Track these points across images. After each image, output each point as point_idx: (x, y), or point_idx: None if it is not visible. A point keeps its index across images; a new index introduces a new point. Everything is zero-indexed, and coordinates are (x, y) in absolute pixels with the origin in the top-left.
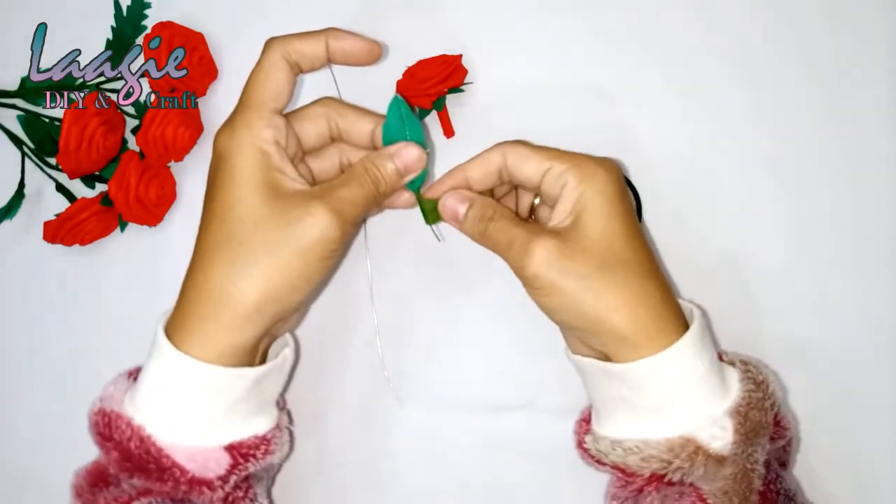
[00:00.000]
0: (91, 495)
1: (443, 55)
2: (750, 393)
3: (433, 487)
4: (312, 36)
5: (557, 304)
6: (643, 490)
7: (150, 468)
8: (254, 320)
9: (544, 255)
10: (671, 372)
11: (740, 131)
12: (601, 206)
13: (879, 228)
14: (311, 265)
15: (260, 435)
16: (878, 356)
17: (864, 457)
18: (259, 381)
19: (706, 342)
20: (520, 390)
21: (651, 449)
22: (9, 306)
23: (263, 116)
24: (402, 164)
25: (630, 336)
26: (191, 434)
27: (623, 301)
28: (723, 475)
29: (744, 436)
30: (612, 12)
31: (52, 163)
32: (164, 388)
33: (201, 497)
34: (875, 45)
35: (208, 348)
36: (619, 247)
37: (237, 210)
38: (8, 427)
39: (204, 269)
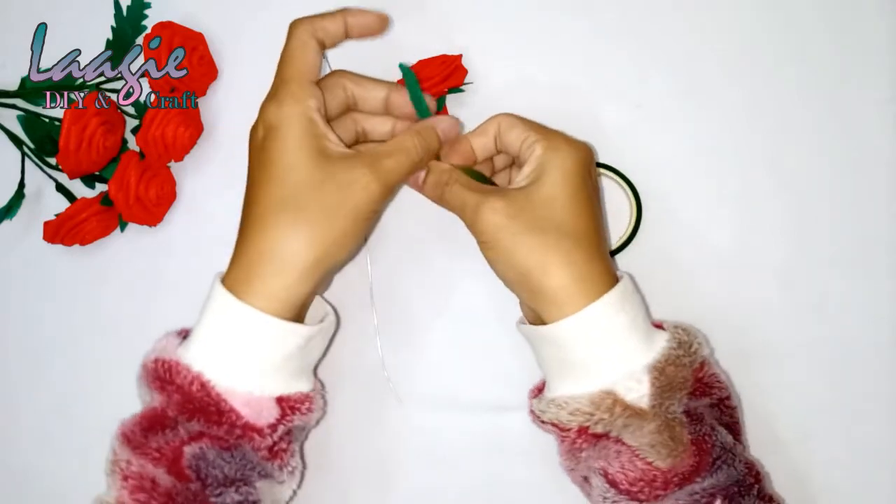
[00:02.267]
0: (143, 439)
1: (443, 55)
2: (670, 351)
3: (433, 487)
4: (332, 15)
5: (497, 258)
6: (575, 443)
7: (209, 411)
8: (309, 276)
9: (490, 211)
10: (591, 329)
11: (740, 131)
12: (554, 174)
13: (879, 228)
14: (358, 225)
15: (304, 392)
16: (878, 356)
17: (864, 457)
18: (308, 341)
19: (629, 303)
20: (520, 390)
21: (576, 403)
22: (9, 306)
23: (305, 87)
24: (443, 135)
25: (553, 293)
26: (247, 382)
27: (549, 260)
28: (648, 430)
29: (659, 389)
30: (613, 12)
31: (52, 163)
32: (222, 336)
33: (251, 443)
34: (875, 45)
35: (267, 301)
36: (559, 212)
37: (292, 174)
38: (8, 427)
39: (261, 228)
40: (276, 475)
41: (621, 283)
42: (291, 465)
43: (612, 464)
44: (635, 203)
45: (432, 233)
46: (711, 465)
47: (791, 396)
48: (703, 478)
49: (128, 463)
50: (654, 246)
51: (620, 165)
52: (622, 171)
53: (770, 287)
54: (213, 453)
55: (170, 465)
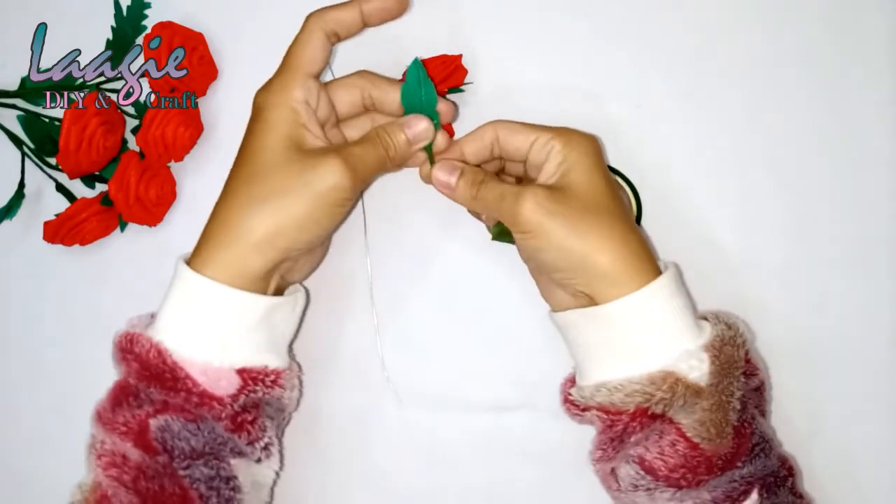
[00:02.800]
0: (111, 414)
1: (443, 55)
2: (722, 331)
3: (433, 487)
4: (347, 4)
5: (546, 245)
6: (628, 428)
7: (165, 377)
8: (262, 251)
9: (534, 199)
10: (650, 309)
11: (740, 131)
12: (585, 165)
13: (879, 228)
14: (321, 209)
15: (270, 367)
16: (878, 356)
17: (864, 457)
18: (269, 313)
19: (681, 286)
20: (520, 390)
21: (634, 384)
22: (9, 306)
23: (297, 78)
24: (411, 134)
25: (612, 273)
26: (204, 351)
27: (606, 241)
28: (700, 407)
29: (719, 367)
30: (613, 12)
31: (52, 163)
32: (180, 308)
33: (211, 412)
34: (875, 45)
35: (223, 271)
36: (601, 197)
37: (262, 155)
38: (8, 427)
39: (225, 203)
40: (249, 452)
41: (672, 267)
42: (263, 441)
43: (650, 449)
44: (635, 203)
45: (433, 233)
46: (750, 451)
47: (791, 396)
48: (742, 464)
49: (102, 443)
50: (654, 245)
51: (620, 165)
52: (622, 171)
53: (770, 287)
54: (178, 425)
55: (137, 439)
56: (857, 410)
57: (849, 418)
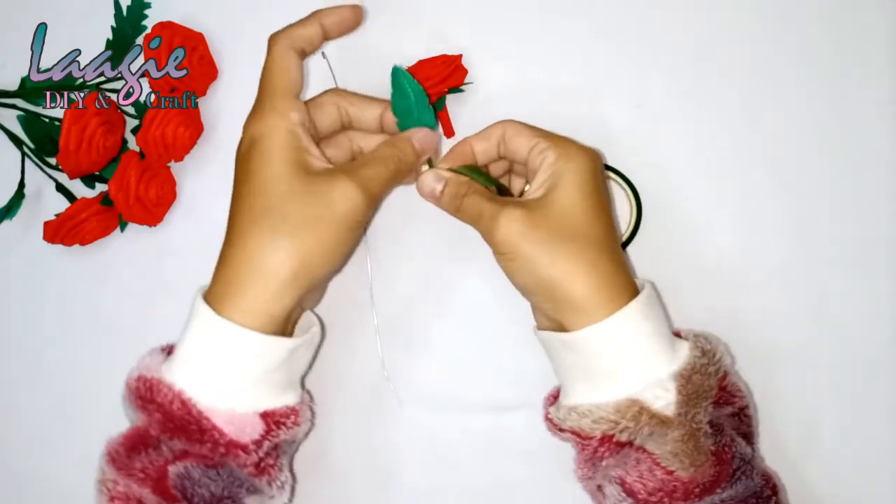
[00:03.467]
0: (127, 460)
1: (443, 55)
2: (695, 359)
3: (433, 487)
4: (306, 21)
5: (518, 268)
6: (597, 452)
7: (191, 429)
8: (290, 289)
9: (508, 222)
10: (618, 337)
11: (740, 131)
12: (571, 182)
13: (879, 228)
14: (341, 235)
15: (290, 406)
16: (878, 356)
17: (865, 457)
18: (292, 353)
19: (654, 311)
20: (520, 390)
21: (601, 411)
22: (9, 306)
23: (287, 101)
24: (419, 146)
25: (581, 300)
26: (229, 399)
27: (575, 268)
28: (671, 438)
29: (686, 397)
30: (613, 12)
31: (52, 163)
32: (203, 353)
33: (236, 460)
34: (875, 45)
35: (248, 315)
36: (580, 220)
37: (272, 186)
38: (8, 427)
39: (242, 241)
40: (266, 490)
41: (646, 290)
42: (280, 480)
43: (629, 472)
44: (635, 203)
45: (433, 233)
46: (731, 476)
47: (791, 396)
48: (723, 489)
49: (114, 483)
50: (654, 246)
51: (620, 165)
52: (622, 171)
53: (770, 287)
54: (199, 472)
55: (155, 486)
56: (856, 410)
57: (848, 418)
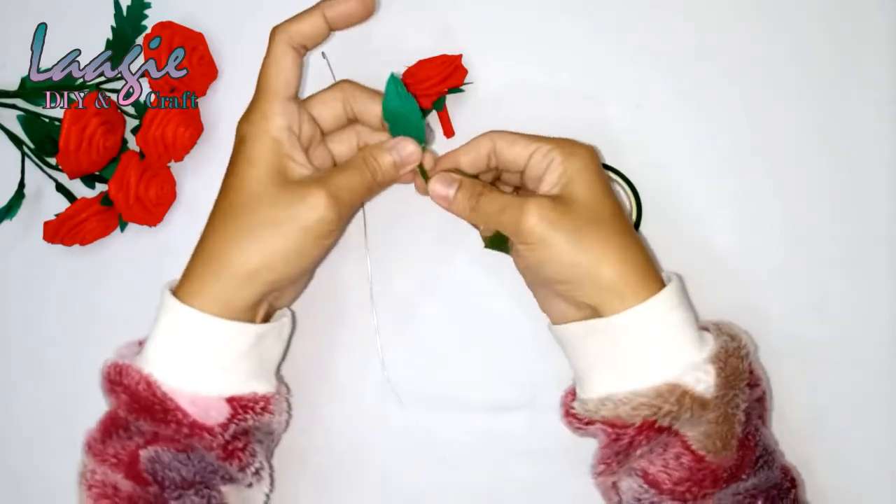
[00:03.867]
0: (101, 445)
1: (443, 55)
2: (726, 342)
3: (433, 487)
4: (309, 13)
5: (550, 257)
6: (634, 441)
7: (155, 409)
8: (250, 284)
9: (538, 210)
10: (655, 321)
11: (740, 131)
12: (586, 176)
13: (879, 228)
14: (307, 242)
15: (260, 393)
16: (878, 356)
17: (865, 457)
18: (258, 341)
19: (684, 299)
20: (520, 390)
21: (640, 397)
22: (9, 306)
23: (276, 105)
24: (398, 158)
25: (616, 285)
26: (193, 381)
27: (610, 253)
28: (706, 419)
29: (724, 379)
30: (613, 12)
31: (52, 163)
32: (168, 339)
33: (202, 442)
34: (875, 45)
35: (209, 303)
36: (604, 209)
37: (247, 186)
38: (8, 427)
39: (212, 235)
40: (240, 478)
41: (675, 280)
42: (254, 466)
43: (654, 462)
44: (635, 203)
45: (433, 233)
46: (754, 464)
47: (791, 396)
48: (747, 476)
49: (92, 472)
50: (654, 246)
51: (620, 165)
52: (622, 170)
53: (770, 287)
54: (169, 455)
55: (127, 470)
56: (857, 410)
57: (849, 418)
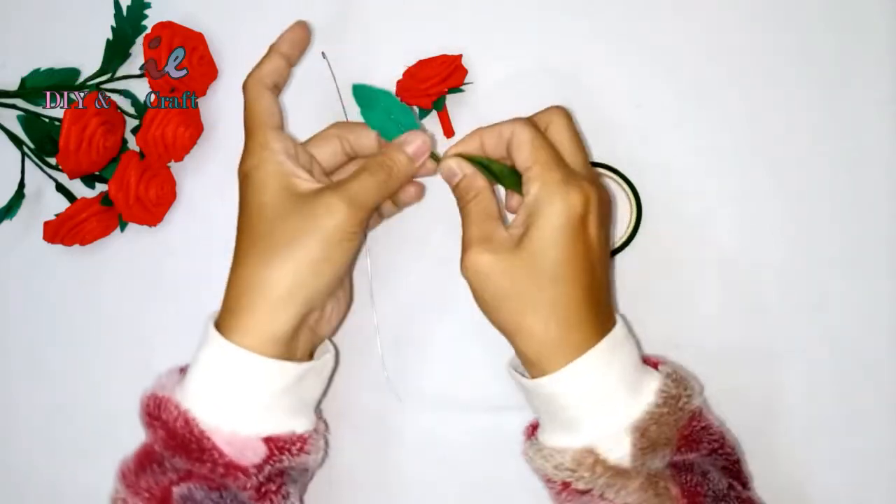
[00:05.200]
0: (135, 477)
1: (443, 55)
2: (655, 409)
3: (433, 487)
4: (267, 57)
5: (480, 307)
6: (560, 494)
7: (191, 448)
8: (286, 306)
9: (473, 262)
10: (575, 387)
11: (740, 131)
12: (549, 224)
13: (879, 228)
14: (331, 249)
15: (297, 433)
16: (878, 356)
17: (864, 457)
18: (299, 379)
19: (619, 354)
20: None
21: (560, 457)
22: (9, 306)
23: (268, 133)
24: (412, 151)
25: (534, 353)
26: (231, 420)
27: (535, 319)
28: (632, 488)
29: (640, 450)
30: (613, 12)
31: (52, 163)
32: (209, 375)
33: (236, 483)
34: (875, 45)
35: (250, 336)
36: (551, 265)
37: (262, 213)
38: (8, 427)
39: (240, 266)
40: None
41: (610, 334)
42: None
43: None
44: (635, 203)
45: (432, 232)
46: None
47: (791, 396)
48: None
49: (123, 501)
50: (654, 246)
51: (620, 165)
52: (622, 171)
53: (770, 287)
54: (202, 494)
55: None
56: (857, 410)
57: (849, 418)
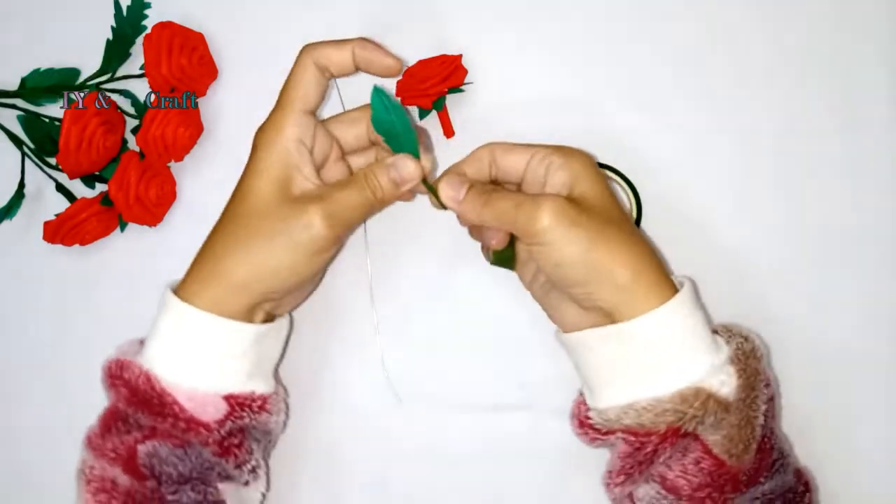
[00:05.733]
0: (100, 440)
1: (443, 55)
2: (741, 344)
3: (433, 487)
4: (341, 44)
5: (565, 258)
6: (658, 449)
7: (153, 403)
8: (241, 292)
9: (555, 207)
10: (673, 325)
11: (740, 131)
12: (592, 177)
13: (879, 228)
14: (299, 258)
15: (257, 393)
16: (878, 356)
17: (864, 457)
18: (257, 340)
19: (698, 302)
20: (520, 391)
21: (665, 403)
22: (9, 306)
23: (290, 116)
24: (398, 176)
25: (633, 288)
26: (192, 377)
27: (627, 255)
28: (728, 422)
29: (745, 380)
30: (613, 12)
31: (52, 163)
32: (168, 336)
33: (198, 438)
34: (875, 45)
35: (207, 304)
36: (614, 210)
37: (250, 196)
38: (8, 427)
39: (212, 239)
40: (236, 475)
41: (689, 283)
42: (250, 464)
43: (672, 467)
44: (635, 203)
45: (433, 233)
46: (770, 467)
47: (790, 396)
48: (765, 479)
49: (91, 468)
50: (653, 246)
51: (620, 165)
52: (622, 171)
53: (770, 287)
54: (166, 450)
55: (125, 464)
56: (857, 411)
57: (849, 418)
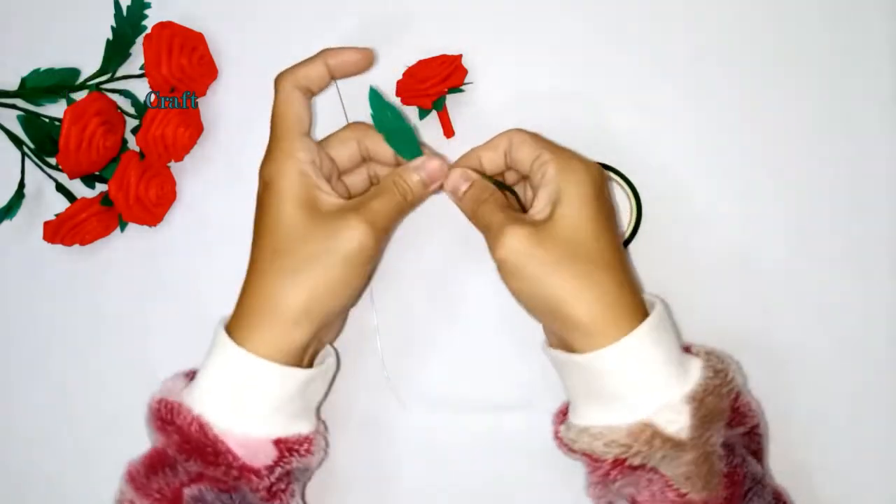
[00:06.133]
0: (146, 480)
1: (443, 55)
2: (708, 380)
3: (433, 487)
4: (312, 61)
5: (522, 288)
6: (609, 475)
7: (206, 451)
8: (302, 324)
9: (512, 241)
10: (628, 361)
11: (740, 131)
12: (575, 198)
13: (879, 228)
14: (350, 272)
15: (303, 434)
16: (878, 356)
17: (864, 457)
18: (307, 384)
19: (664, 332)
20: (520, 390)
21: (613, 434)
22: (9, 306)
23: (295, 141)
24: (426, 175)
25: (587, 324)
26: (243, 424)
27: (582, 289)
28: (685, 460)
29: (699, 420)
30: (613, 12)
31: (52, 163)
32: (222, 381)
33: (248, 484)
34: (875, 45)
35: (263, 346)
36: (586, 239)
37: (282, 225)
38: (8, 427)
39: (258, 278)
40: None
41: (656, 311)
42: None
43: (641, 492)
44: (635, 203)
45: (433, 233)
46: (743, 497)
47: (791, 396)
48: None
49: (131, 502)
50: (654, 246)
51: (620, 166)
52: (622, 171)
53: (770, 287)
54: (212, 495)
55: None
56: (857, 411)
57: (849, 418)
